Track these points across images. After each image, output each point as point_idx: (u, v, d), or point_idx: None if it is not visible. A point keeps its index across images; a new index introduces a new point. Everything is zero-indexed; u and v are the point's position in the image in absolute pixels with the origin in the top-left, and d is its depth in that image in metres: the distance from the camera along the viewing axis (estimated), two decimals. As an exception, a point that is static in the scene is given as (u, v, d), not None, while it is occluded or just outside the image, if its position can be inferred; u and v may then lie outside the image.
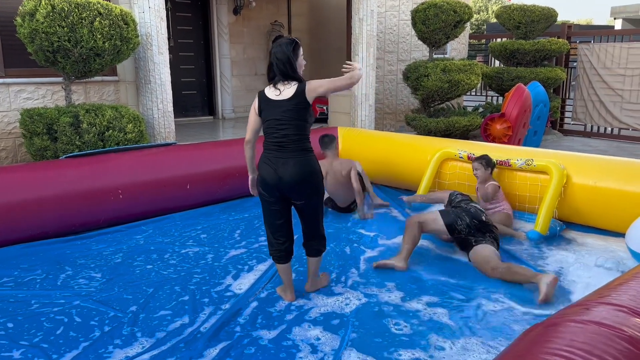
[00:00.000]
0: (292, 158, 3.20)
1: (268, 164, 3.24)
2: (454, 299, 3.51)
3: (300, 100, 3.18)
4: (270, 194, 3.28)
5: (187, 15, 9.53)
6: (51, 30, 4.73)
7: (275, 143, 3.22)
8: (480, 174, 4.89)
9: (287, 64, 3.18)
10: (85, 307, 3.42)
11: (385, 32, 10.49)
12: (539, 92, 8.39)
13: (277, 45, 3.23)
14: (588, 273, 3.87)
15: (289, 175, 3.19)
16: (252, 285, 3.74)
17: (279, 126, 3.19)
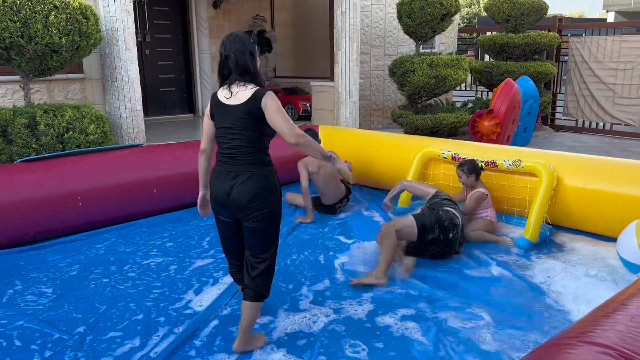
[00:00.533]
0: (244, 172, 2.68)
1: (217, 179, 2.75)
2: (426, 314, 3.23)
3: (255, 107, 2.63)
4: (222, 212, 2.80)
5: (164, 9, 9.17)
6: (2, 26, 4.38)
7: (226, 154, 2.72)
8: (464, 181, 4.63)
9: (247, 60, 2.68)
10: (29, 328, 3.11)
11: (372, 26, 10.17)
12: (528, 87, 8.13)
13: (234, 38, 2.71)
14: (576, 283, 3.61)
15: (238, 192, 2.67)
16: (214, 301, 3.44)
17: (230, 135, 2.69)
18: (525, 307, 3.33)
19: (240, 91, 2.67)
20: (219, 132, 2.76)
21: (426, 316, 3.21)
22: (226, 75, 2.72)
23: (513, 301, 3.41)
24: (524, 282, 3.67)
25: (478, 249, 4.30)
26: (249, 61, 2.69)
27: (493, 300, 3.41)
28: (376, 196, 5.83)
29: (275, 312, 3.27)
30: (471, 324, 3.12)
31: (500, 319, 3.17)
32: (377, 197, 5.80)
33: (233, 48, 2.67)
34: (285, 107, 9.04)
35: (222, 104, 2.71)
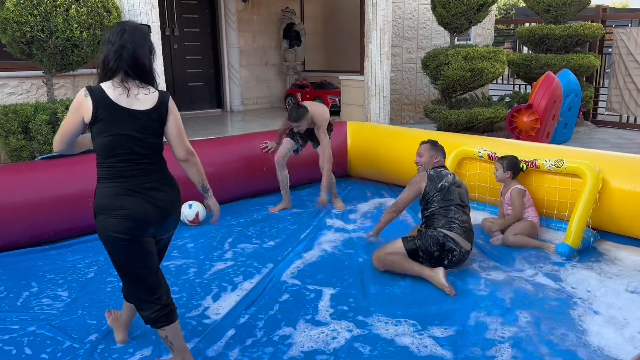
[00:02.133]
0: (163, 183, 2.42)
1: (136, 196, 2.34)
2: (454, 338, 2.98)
3: (163, 114, 2.38)
4: (141, 234, 2.38)
5: (193, 2, 9.06)
6: (22, 20, 4.29)
7: (128, 168, 2.33)
8: (498, 175, 4.36)
9: (146, 57, 2.34)
10: (40, 335, 3.00)
11: (404, 18, 9.84)
12: (569, 81, 7.70)
13: (134, 29, 2.34)
14: (615, 300, 3.28)
15: (171, 203, 2.44)
16: (232, 308, 3.26)
17: (136, 143, 2.32)
18: (542, 321, 3.05)
19: (142, 94, 2.34)
20: (114, 140, 2.29)
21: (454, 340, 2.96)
22: (113, 69, 2.31)
23: (530, 313, 3.14)
24: (548, 292, 3.40)
25: (510, 251, 4.05)
26: (147, 58, 2.36)
27: (509, 311, 3.15)
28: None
29: (295, 324, 3.07)
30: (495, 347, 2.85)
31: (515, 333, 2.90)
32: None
33: (132, 40, 2.30)
34: (313, 101, 8.84)
35: (117, 107, 2.28)
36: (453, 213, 3.68)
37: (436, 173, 3.83)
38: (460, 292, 3.41)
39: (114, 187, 2.33)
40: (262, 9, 9.80)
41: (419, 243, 3.60)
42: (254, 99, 9.95)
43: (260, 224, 4.82)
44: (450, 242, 3.58)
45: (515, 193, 4.26)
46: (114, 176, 2.33)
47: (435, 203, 3.72)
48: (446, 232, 3.60)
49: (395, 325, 3.03)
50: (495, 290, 3.45)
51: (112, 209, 2.31)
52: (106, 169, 2.34)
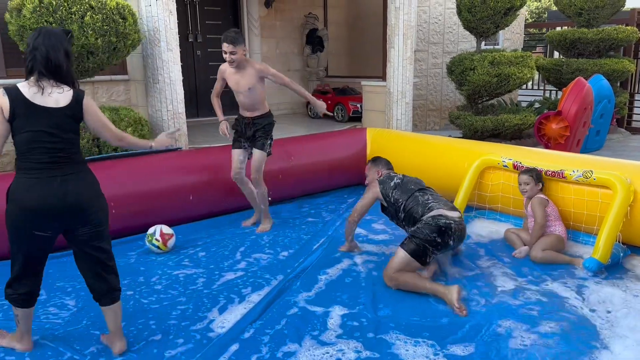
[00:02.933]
0: (75, 174, 2.56)
1: (35, 188, 2.47)
2: (480, 352, 2.79)
3: (77, 111, 2.55)
4: (40, 225, 2.53)
5: (216, 9, 9.05)
6: (38, 27, 4.29)
7: (44, 161, 2.48)
8: (530, 190, 4.14)
9: (60, 59, 2.50)
10: (43, 345, 2.94)
11: (430, 22, 9.66)
12: (602, 87, 7.41)
13: (47, 32, 2.51)
14: (638, 322, 3.04)
15: (80, 197, 2.55)
16: (238, 321, 3.15)
17: (50, 142, 2.47)
18: (562, 341, 2.85)
19: (56, 92, 2.50)
20: (30, 136, 2.45)
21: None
22: (29, 69, 2.51)
23: (551, 331, 2.94)
24: (568, 308, 3.20)
25: (533, 264, 3.87)
26: (62, 60, 2.52)
27: (530, 327, 2.94)
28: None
29: (300, 341, 2.94)
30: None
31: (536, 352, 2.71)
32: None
33: (45, 42, 2.48)
34: (334, 108, 8.74)
35: (32, 105, 2.45)
36: (421, 197, 3.72)
37: (384, 177, 3.98)
38: (479, 306, 3.24)
39: (25, 179, 2.50)
40: (285, 14, 9.75)
41: (417, 240, 3.48)
42: (276, 105, 9.86)
43: (274, 232, 4.71)
44: (442, 219, 3.50)
45: (536, 202, 4.05)
46: (29, 168, 2.50)
47: (400, 200, 3.74)
48: (431, 214, 3.54)
49: (413, 346, 2.86)
50: (515, 305, 3.26)
51: (18, 199, 2.50)
52: (23, 161, 2.51)
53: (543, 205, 4.04)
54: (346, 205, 5.46)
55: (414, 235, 3.51)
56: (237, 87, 4.44)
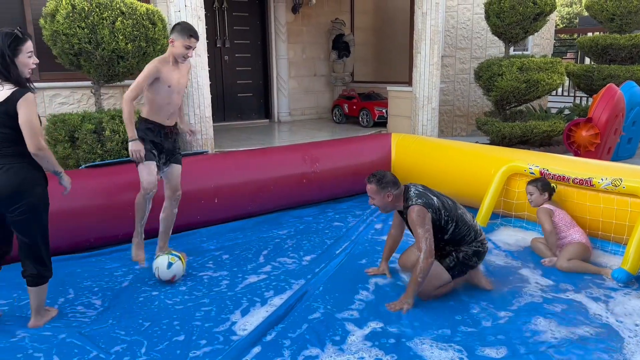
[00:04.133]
0: (2, 166, 2.82)
1: None
2: None
3: (10, 109, 2.74)
4: None
5: (244, 14, 9.16)
6: (71, 32, 4.43)
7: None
8: (535, 200, 4.16)
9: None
10: (70, 343, 3.00)
11: (457, 27, 9.59)
12: (634, 94, 7.23)
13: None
14: None
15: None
16: (259, 324, 3.17)
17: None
18: (582, 353, 2.78)
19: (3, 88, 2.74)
20: None
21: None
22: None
23: (569, 340, 2.87)
24: (592, 322, 3.12)
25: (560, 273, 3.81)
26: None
27: (554, 334, 2.87)
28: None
29: (323, 345, 2.94)
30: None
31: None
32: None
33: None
34: (360, 113, 8.73)
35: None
36: (466, 217, 3.44)
37: (418, 198, 3.31)
38: (503, 314, 3.19)
39: None
40: (312, 20, 9.81)
41: (460, 265, 3.43)
42: (302, 109, 9.94)
43: (298, 236, 4.73)
44: (486, 245, 3.50)
45: (540, 212, 4.06)
46: None
47: (449, 223, 3.35)
48: (480, 239, 3.47)
49: (440, 350, 2.85)
50: (541, 312, 3.21)
51: None
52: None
53: (548, 215, 4.02)
54: (370, 210, 5.44)
55: (458, 258, 3.41)
56: (177, 86, 3.82)
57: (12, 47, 2.75)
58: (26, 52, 2.80)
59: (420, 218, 3.22)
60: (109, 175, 4.44)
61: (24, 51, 2.80)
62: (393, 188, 3.38)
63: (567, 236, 3.97)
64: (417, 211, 3.24)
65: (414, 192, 3.37)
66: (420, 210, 3.24)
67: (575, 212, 4.20)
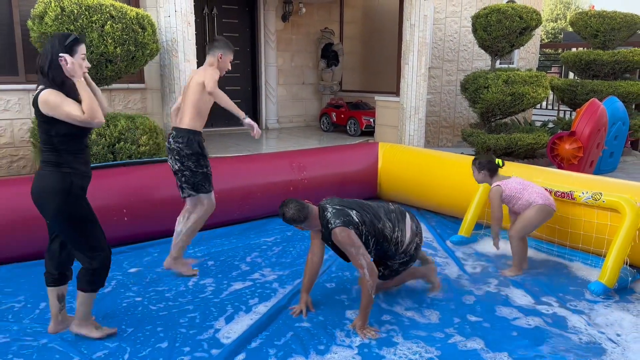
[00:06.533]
0: (40, 170, 2.81)
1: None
2: None
3: (38, 112, 2.71)
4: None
5: (234, 21, 9.19)
6: (59, 34, 4.41)
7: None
8: (476, 178, 4.18)
9: (44, 60, 2.72)
10: (51, 348, 2.98)
11: (445, 40, 9.71)
12: (616, 109, 7.38)
13: (51, 38, 2.78)
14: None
15: (31, 189, 2.82)
16: (243, 332, 3.16)
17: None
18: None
19: (38, 90, 2.72)
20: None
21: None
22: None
23: (550, 353, 2.91)
24: (573, 333, 3.17)
25: (541, 284, 3.86)
26: (43, 63, 2.71)
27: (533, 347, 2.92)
28: (439, 222, 5.40)
29: (308, 353, 2.95)
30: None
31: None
32: (439, 223, 5.38)
33: (45, 47, 2.76)
34: (347, 121, 8.79)
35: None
36: (387, 230, 3.35)
37: (336, 218, 3.18)
38: (483, 324, 3.23)
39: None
40: (302, 29, 9.87)
41: (394, 273, 3.54)
42: (290, 117, 9.97)
43: (284, 244, 4.74)
44: (412, 252, 3.48)
45: (492, 193, 4.04)
46: None
47: (370, 238, 3.28)
48: (406, 251, 3.41)
49: (422, 357, 2.87)
50: (520, 325, 3.24)
51: None
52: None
53: (497, 196, 3.99)
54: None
55: (389, 269, 3.47)
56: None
57: (69, 45, 2.71)
58: (80, 53, 2.78)
59: (346, 237, 3.12)
60: (95, 179, 4.39)
61: (79, 52, 2.77)
62: (304, 213, 3.24)
63: (522, 199, 3.99)
64: (339, 233, 3.13)
65: (330, 212, 3.21)
66: (343, 231, 3.13)
67: (558, 224, 4.27)
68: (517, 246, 4.01)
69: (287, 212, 3.22)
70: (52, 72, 2.70)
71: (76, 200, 2.84)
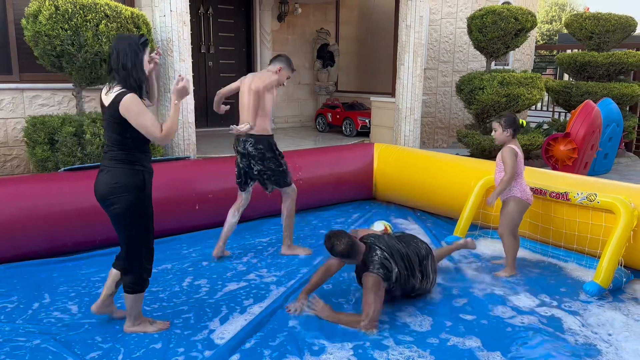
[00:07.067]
0: (104, 167, 2.86)
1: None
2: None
3: (115, 114, 2.73)
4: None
5: (229, 21, 9.17)
6: (54, 33, 4.38)
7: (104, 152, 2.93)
8: (497, 136, 3.99)
9: (121, 61, 2.75)
10: (43, 349, 2.95)
11: (440, 41, 9.73)
12: (610, 110, 7.42)
13: (122, 38, 2.84)
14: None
15: (96, 186, 2.88)
16: (237, 332, 3.15)
17: (105, 135, 2.89)
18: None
19: (111, 91, 2.76)
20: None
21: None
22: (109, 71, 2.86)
23: (545, 353, 2.90)
24: (567, 333, 3.18)
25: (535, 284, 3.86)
26: (120, 64, 2.75)
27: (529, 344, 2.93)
28: (434, 223, 5.40)
29: (302, 353, 2.94)
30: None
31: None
32: (435, 223, 5.38)
33: (116, 48, 2.78)
34: (343, 122, 8.78)
35: (101, 101, 2.85)
36: (416, 280, 3.49)
37: (380, 268, 3.24)
38: (478, 325, 3.23)
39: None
40: (298, 29, 9.86)
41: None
42: (285, 117, 9.96)
43: (279, 244, 4.72)
44: (425, 289, 3.61)
45: (506, 151, 3.90)
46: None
47: (397, 290, 3.45)
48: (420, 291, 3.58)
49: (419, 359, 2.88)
50: (515, 324, 3.25)
51: None
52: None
53: (514, 155, 3.87)
54: (352, 220, 5.47)
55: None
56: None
57: (143, 45, 2.81)
58: (148, 54, 2.88)
59: (375, 287, 3.16)
60: (89, 179, 4.37)
61: (147, 53, 2.87)
62: (354, 250, 3.26)
63: (512, 187, 3.97)
64: (373, 281, 3.17)
65: (378, 258, 3.24)
66: (376, 281, 3.17)
67: (553, 225, 4.28)
68: (509, 244, 4.01)
69: (338, 246, 3.22)
70: (136, 71, 2.75)
71: (146, 196, 2.92)
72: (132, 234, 2.91)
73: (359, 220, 5.49)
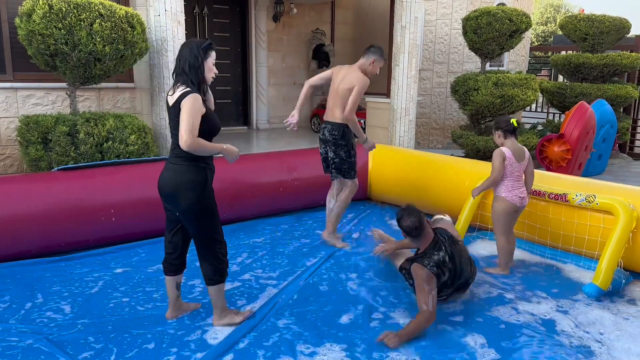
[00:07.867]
0: (169, 164, 2.97)
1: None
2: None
3: (177, 110, 2.83)
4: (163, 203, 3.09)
5: (225, 21, 9.16)
6: (47, 32, 4.35)
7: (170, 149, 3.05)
8: (495, 140, 4.08)
9: (182, 65, 2.86)
10: (36, 349, 2.93)
11: (435, 42, 9.74)
12: (604, 112, 7.44)
13: (186, 44, 2.93)
14: (635, 346, 3.03)
15: (161, 182, 2.97)
16: (231, 332, 3.14)
17: (171, 134, 3.00)
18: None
19: (175, 92, 2.87)
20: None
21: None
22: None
23: (536, 352, 2.90)
24: (558, 333, 3.18)
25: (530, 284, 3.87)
26: (185, 66, 2.85)
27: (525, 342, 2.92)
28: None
29: (295, 354, 2.93)
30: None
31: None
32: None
33: (181, 52, 2.90)
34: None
35: (167, 102, 2.97)
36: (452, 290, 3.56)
37: (435, 266, 3.28)
38: (471, 325, 3.23)
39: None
40: (293, 29, 9.85)
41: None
42: (281, 117, 9.93)
43: (274, 244, 4.71)
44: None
45: (495, 153, 3.92)
46: None
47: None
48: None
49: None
50: (508, 322, 3.25)
51: None
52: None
53: (501, 157, 3.90)
54: (346, 220, 5.46)
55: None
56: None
57: (205, 49, 2.88)
58: (213, 58, 2.94)
59: (429, 278, 3.21)
60: (82, 178, 4.37)
61: (212, 57, 2.94)
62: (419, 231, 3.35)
63: (499, 186, 3.99)
64: (426, 275, 3.21)
65: (439, 258, 3.28)
66: (430, 276, 3.21)
67: (551, 227, 4.29)
68: (498, 242, 4.03)
69: (404, 221, 3.33)
70: (192, 73, 2.84)
71: (210, 193, 3.01)
72: (202, 227, 2.99)
73: (353, 220, 5.48)
